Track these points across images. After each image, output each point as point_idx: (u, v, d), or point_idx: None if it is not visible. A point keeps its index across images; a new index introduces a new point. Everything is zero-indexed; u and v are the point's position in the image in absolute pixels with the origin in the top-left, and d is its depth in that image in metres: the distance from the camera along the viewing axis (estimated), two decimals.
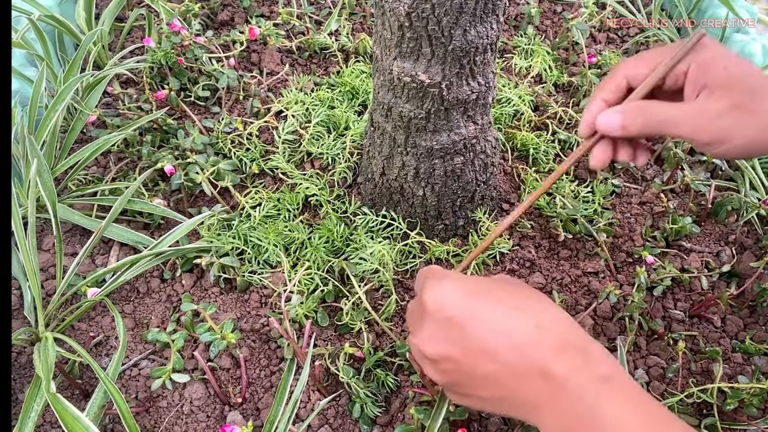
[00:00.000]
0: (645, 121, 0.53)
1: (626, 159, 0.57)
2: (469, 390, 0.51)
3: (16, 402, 0.69)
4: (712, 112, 0.52)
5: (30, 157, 0.78)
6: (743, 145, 0.52)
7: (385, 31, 0.63)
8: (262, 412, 0.69)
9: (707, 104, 0.52)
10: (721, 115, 0.51)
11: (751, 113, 0.52)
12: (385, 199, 0.82)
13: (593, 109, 0.55)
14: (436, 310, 0.51)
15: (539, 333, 0.47)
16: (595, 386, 0.44)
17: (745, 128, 0.52)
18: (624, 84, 0.55)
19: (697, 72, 0.53)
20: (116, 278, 0.75)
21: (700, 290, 0.81)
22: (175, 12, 1.10)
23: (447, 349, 0.50)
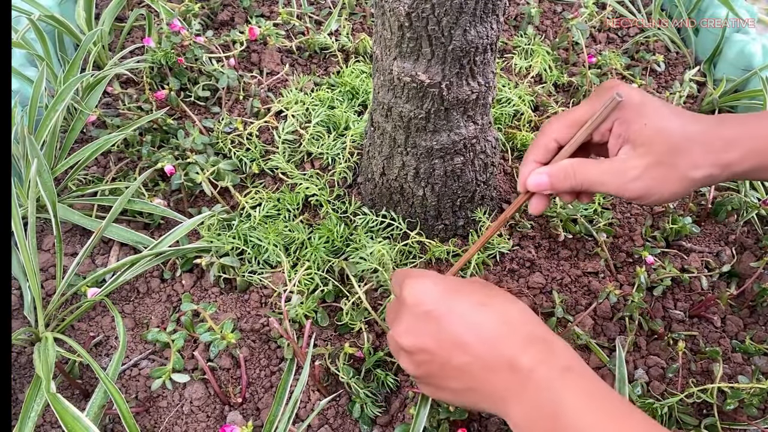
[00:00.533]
0: (570, 182, 0.57)
1: (568, 200, 0.61)
2: (442, 381, 0.53)
3: (16, 402, 0.69)
4: (633, 171, 0.55)
5: (30, 157, 0.78)
6: (666, 196, 0.55)
7: (385, 31, 0.63)
8: (262, 412, 0.69)
9: (629, 162, 0.55)
10: (643, 173, 0.55)
11: (670, 168, 0.54)
12: (385, 199, 0.82)
13: (526, 170, 0.60)
14: (414, 305, 0.54)
15: (507, 328, 0.51)
16: (558, 376, 0.47)
17: (666, 183, 0.55)
18: (553, 145, 0.59)
19: (619, 128, 0.57)
20: (116, 278, 0.75)
21: (700, 290, 0.81)
22: (175, 12, 1.10)
23: (423, 341, 0.52)
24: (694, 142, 0.55)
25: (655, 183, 0.55)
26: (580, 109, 0.58)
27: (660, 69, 1.13)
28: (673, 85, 1.09)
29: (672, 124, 0.55)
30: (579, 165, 0.57)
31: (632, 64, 1.15)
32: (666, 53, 1.19)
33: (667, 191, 0.55)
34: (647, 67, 1.13)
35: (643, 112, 0.55)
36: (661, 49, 1.20)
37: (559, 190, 0.58)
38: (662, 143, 0.54)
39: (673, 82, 1.10)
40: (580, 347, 0.75)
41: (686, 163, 0.54)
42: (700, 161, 0.55)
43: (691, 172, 0.55)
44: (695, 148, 0.54)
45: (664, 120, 0.55)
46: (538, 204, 0.61)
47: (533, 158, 0.60)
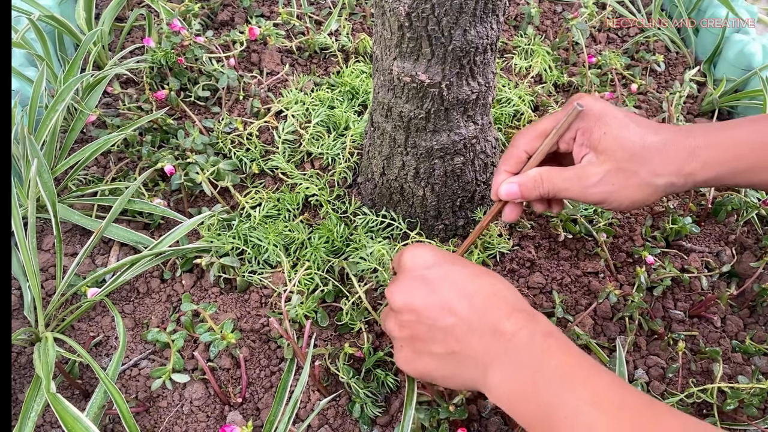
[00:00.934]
0: (539, 190, 0.60)
1: (541, 210, 0.65)
2: (424, 345, 0.55)
3: (16, 402, 0.69)
4: (594, 177, 0.58)
5: (30, 157, 0.78)
6: (628, 203, 0.58)
7: (385, 31, 0.63)
8: (262, 412, 0.69)
9: (589, 168, 0.59)
10: (603, 178, 0.58)
11: (630, 174, 0.57)
12: (385, 199, 0.82)
13: (498, 179, 0.63)
14: (411, 268, 0.57)
15: (495, 299, 0.54)
16: (540, 339, 0.50)
17: (626, 188, 0.57)
18: (523, 156, 0.62)
19: (581, 137, 0.60)
20: (116, 278, 0.75)
21: (700, 290, 0.81)
22: (175, 12, 1.10)
23: (413, 301, 0.55)
24: (654, 151, 0.57)
25: (615, 188, 0.57)
26: (545, 121, 0.62)
27: (660, 69, 1.13)
28: (673, 85, 1.09)
29: (631, 133, 0.58)
30: (546, 173, 0.60)
31: (632, 64, 1.15)
32: (666, 53, 1.19)
33: (628, 197, 0.58)
34: (647, 67, 1.14)
35: (603, 121, 0.58)
36: (661, 49, 1.20)
37: (529, 198, 0.61)
38: (622, 150, 0.57)
39: (673, 82, 1.10)
40: (580, 347, 0.74)
41: (646, 170, 0.57)
42: (660, 170, 0.57)
43: (652, 179, 0.57)
44: (655, 157, 0.57)
45: (623, 129, 0.58)
46: (511, 212, 0.64)
47: (504, 169, 0.63)
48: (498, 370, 0.50)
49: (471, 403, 0.69)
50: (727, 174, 0.57)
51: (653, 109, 1.07)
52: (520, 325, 0.51)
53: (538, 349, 0.49)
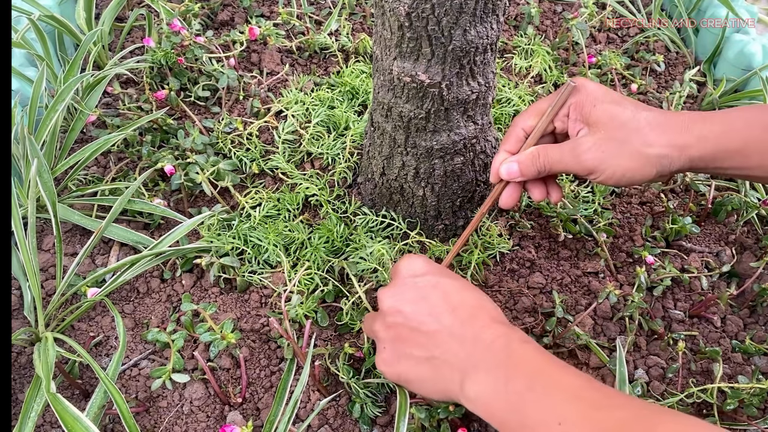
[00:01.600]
0: (537, 166, 0.62)
1: (538, 197, 0.65)
2: (406, 347, 0.57)
3: (16, 402, 0.69)
4: (585, 145, 0.60)
5: (30, 157, 0.78)
6: (620, 172, 0.59)
7: (385, 31, 0.63)
8: (262, 412, 0.69)
9: (580, 139, 0.60)
10: (593, 146, 0.59)
11: (621, 142, 0.58)
12: (385, 199, 0.82)
13: (498, 160, 0.64)
14: (406, 275, 0.61)
15: (477, 310, 0.57)
16: (517, 344, 0.52)
17: (619, 157, 0.58)
18: (522, 135, 0.64)
19: (574, 113, 0.62)
20: (116, 278, 0.75)
21: (700, 290, 0.81)
22: (175, 12, 1.10)
23: (402, 304, 0.58)
24: (646, 123, 0.58)
25: (606, 156, 0.58)
26: (542, 101, 0.64)
27: (660, 69, 1.13)
28: (673, 85, 1.09)
29: (623, 107, 0.60)
30: (542, 149, 0.62)
31: (632, 64, 1.15)
32: (666, 53, 1.19)
33: (621, 165, 0.58)
34: (647, 67, 1.14)
35: (595, 96, 0.60)
36: (661, 49, 1.20)
37: (527, 175, 0.63)
38: (612, 120, 0.59)
39: (673, 82, 1.10)
40: (580, 347, 0.75)
41: (638, 139, 0.58)
42: (653, 140, 0.58)
43: (644, 148, 0.58)
44: (647, 129, 0.58)
45: (615, 104, 0.60)
46: (509, 197, 0.65)
47: (504, 149, 0.65)
48: (474, 375, 0.52)
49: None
50: (722, 152, 0.58)
51: None
52: (499, 334, 0.53)
53: (515, 354, 0.52)
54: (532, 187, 0.65)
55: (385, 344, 0.59)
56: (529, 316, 0.77)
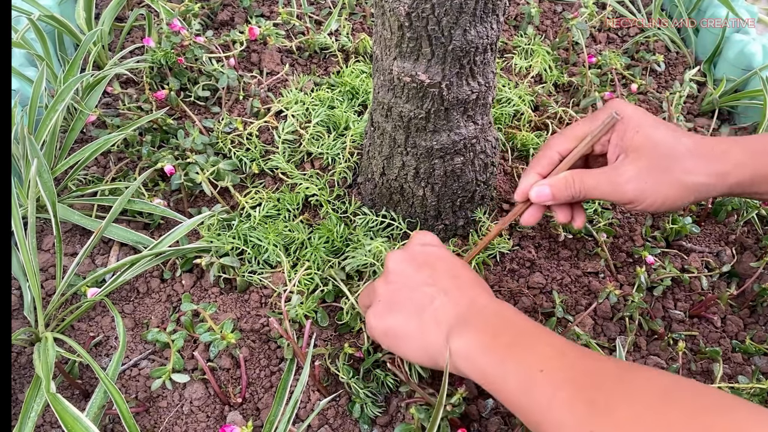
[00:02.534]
0: (570, 191, 0.61)
1: (563, 220, 0.64)
2: (400, 302, 0.60)
3: (16, 402, 0.69)
4: (627, 173, 0.58)
5: (30, 157, 0.78)
6: (660, 201, 0.58)
7: (385, 31, 0.63)
8: (262, 412, 0.69)
9: (622, 167, 0.59)
10: (635, 176, 0.58)
11: (663, 171, 0.57)
12: (385, 199, 0.82)
13: (528, 181, 0.63)
14: (417, 243, 0.65)
15: (477, 282, 0.61)
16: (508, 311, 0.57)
17: (659, 186, 0.57)
18: (556, 158, 0.63)
19: (615, 139, 0.61)
20: (116, 278, 0.75)
21: (700, 290, 0.81)
22: (175, 12, 1.10)
23: (406, 266, 0.62)
24: (686, 151, 0.58)
25: (647, 186, 0.57)
26: (581, 126, 0.63)
27: (660, 69, 1.13)
28: (673, 85, 1.09)
29: (664, 133, 0.58)
30: (577, 174, 0.61)
31: (632, 64, 1.15)
32: (666, 53, 1.19)
33: (661, 195, 0.57)
34: (647, 67, 1.13)
35: (637, 123, 0.59)
36: (661, 49, 1.20)
37: (559, 199, 0.61)
38: (654, 149, 0.58)
39: (673, 82, 1.10)
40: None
41: (679, 168, 0.57)
42: (693, 168, 0.57)
43: (685, 177, 0.57)
44: (687, 157, 0.57)
45: (656, 129, 0.59)
46: (532, 215, 0.65)
47: (535, 171, 0.63)
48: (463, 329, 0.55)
49: (471, 404, 0.69)
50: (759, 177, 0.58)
51: (653, 109, 1.07)
52: (493, 303, 0.58)
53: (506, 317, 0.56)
54: (559, 209, 0.64)
55: (381, 299, 0.61)
56: (530, 316, 0.77)
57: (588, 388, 0.46)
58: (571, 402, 0.45)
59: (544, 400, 0.47)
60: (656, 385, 0.44)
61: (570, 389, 0.46)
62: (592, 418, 0.44)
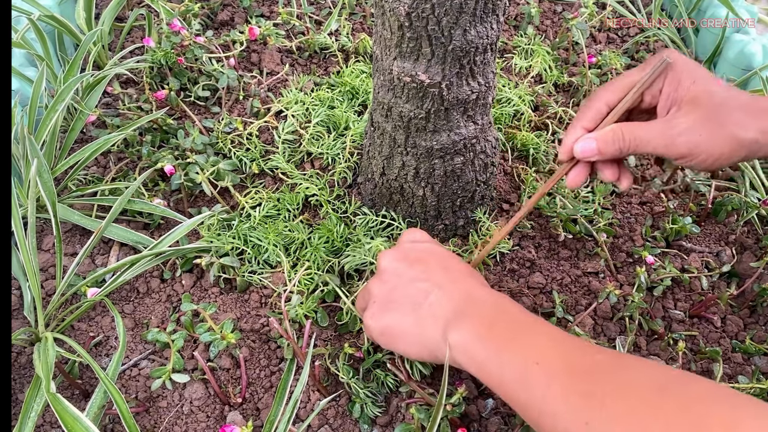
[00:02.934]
0: (619, 144, 0.57)
1: (610, 179, 0.61)
2: (394, 304, 0.60)
3: (16, 402, 0.69)
4: (681, 126, 0.56)
5: (30, 157, 0.78)
6: (715, 156, 0.56)
7: (385, 31, 0.63)
8: (262, 412, 0.69)
9: (675, 119, 0.56)
10: (690, 127, 0.55)
11: (718, 125, 0.55)
12: (385, 199, 0.82)
13: (572, 136, 0.60)
14: (407, 240, 0.66)
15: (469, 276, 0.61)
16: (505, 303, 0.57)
17: (713, 140, 0.55)
18: (604, 109, 0.59)
19: (668, 88, 0.57)
20: (116, 278, 0.75)
21: (700, 290, 0.81)
22: (175, 12, 1.10)
23: (399, 264, 0.62)
24: (739, 105, 0.55)
25: (702, 139, 0.55)
26: (630, 74, 0.59)
27: None
28: None
29: (718, 87, 0.56)
30: (626, 126, 0.57)
31: (632, 64, 1.15)
32: None
33: (716, 149, 0.55)
34: None
35: (692, 73, 0.56)
36: (661, 49, 1.20)
37: (607, 155, 0.58)
38: (710, 100, 0.55)
39: None
40: None
41: (733, 122, 0.55)
42: (746, 123, 0.55)
43: (739, 131, 0.55)
44: (741, 111, 0.55)
45: (711, 81, 0.56)
46: (577, 176, 0.61)
47: (581, 124, 0.60)
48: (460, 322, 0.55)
49: (471, 404, 0.69)
50: None
51: None
52: (489, 294, 0.58)
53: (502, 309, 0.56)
54: (604, 167, 0.60)
55: (376, 299, 0.61)
56: None
57: (583, 380, 0.46)
58: (566, 394, 0.46)
59: (540, 391, 0.47)
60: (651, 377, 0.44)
61: (565, 381, 0.46)
62: (587, 411, 0.44)
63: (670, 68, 0.57)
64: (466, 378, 0.72)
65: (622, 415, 0.42)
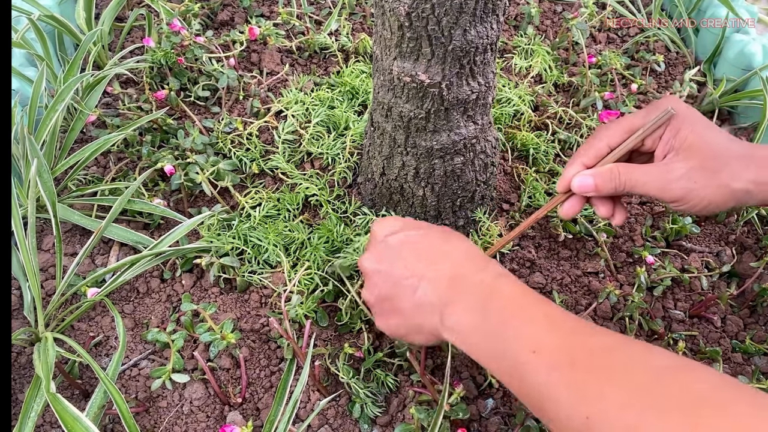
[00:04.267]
0: (615, 184, 0.60)
1: (604, 215, 0.63)
2: (391, 303, 0.60)
3: (16, 402, 0.69)
4: (676, 172, 0.58)
5: (30, 157, 0.78)
6: (705, 203, 0.57)
7: (385, 31, 0.63)
8: (262, 412, 0.69)
9: (672, 164, 0.58)
10: (684, 175, 0.57)
11: (712, 174, 0.57)
12: (385, 199, 0.82)
13: (571, 171, 0.62)
14: (377, 235, 0.64)
15: (448, 250, 0.60)
16: (493, 277, 0.56)
17: (706, 188, 0.57)
18: (605, 150, 0.62)
19: (667, 135, 0.60)
20: (116, 278, 0.75)
21: (700, 290, 0.81)
22: (175, 12, 1.10)
23: (380, 265, 0.61)
24: (735, 155, 0.58)
25: (696, 186, 0.57)
26: (634, 118, 0.61)
27: (660, 69, 1.13)
28: (673, 85, 1.09)
29: (716, 135, 0.58)
30: (624, 168, 0.59)
31: (632, 64, 1.15)
32: (666, 53, 1.19)
33: (706, 197, 0.57)
34: (647, 67, 1.13)
35: (691, 121, 0.59)
36: (661, 49, 1.20)
37: (603, 192, 0.60)
38: (706, 149, 0.57)
39: (673, 82, 1.10)
40: None
41: (727, 172, 0.57)
42: (739, 173, 0.57)
43: (732, 182, 0.57)
44: (735, 161, 0.57)
45: (709, 130, 0.58)
46: (572, 207, 0.64)
47: (581, 161, 0.62)
48: (452, 307, 0.55)
49: (471, 404, 0.69)
50: None
51: None
52: (474, 270, 0.57)
53: (491, 282, 0.55)
54: (600, 203, 0.63)
55: (374, 306, 0.62)
56: None
57: (580, 368, 0.46)
58: (566, 383, 0.46)
59: (540, 379, 0.47)
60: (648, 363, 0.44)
61: (565, 370, 0.46)
62: (586, 402, 0.44)
63: (672, 117, 0.59)
64: (465, 379, 0.72)
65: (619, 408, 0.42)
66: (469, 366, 0.72)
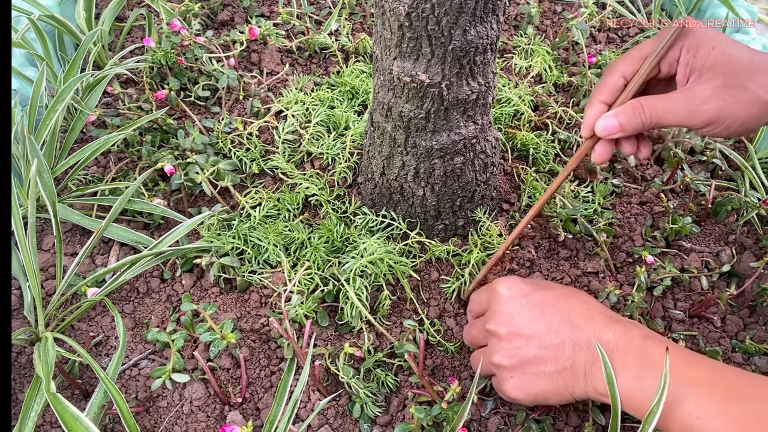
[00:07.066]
0: (641, 119, 0.56)
1: (630, 152, 0.60)
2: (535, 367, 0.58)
3: (16, 402, 0.69)
4: (703, 94, 0.54)
5: (30, 157, 0.78)
6: (740, 121, 0.54)
7: (385, 31, 0.63)
8: (262, 412, 0.69)
9: (697, 87, 0.54)
10: (712, 95, 0.54)
11: (741, 89, 0.53)
12: (385, 199, 0.82)
13: (593, 112, 0.59)
14: (510, 298, 0.61)
15: (590, 313, 0.58)
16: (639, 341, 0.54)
17: (738, 104, 0.53)
18: (621, 82, 0.58)
19: (686, 56, 0.56)
20: (116, 278, 0.75)
21: (700, 290, 0.81)
22: (175, 12, 1.10)
23: (520, 328, 0.59)
24: (761, 66, 0.54)
25: (726, 104, 0.53)
26: (644, 45, 0.58)
27: None
28: None
29: (738, 49, 0.55)
30: (646, 100, 0.56)
31: None
32: None
33: (740, 114, 0.54)
34: None
35: (710, 38, 0.55)
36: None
37: (629, 131, 0.57)
38: (730, 65, 0.54)
39: None
40: None
41: (757, 85, 0.53)
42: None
43: (764, 93, 0.54)
44: (763, 72, 0.54)
45: (729, 45, 0.55)
46: (603, 151, 0.61)
47: (599, 99, 0.59)
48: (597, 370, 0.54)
49: (471, 403, 0.69)
50: None
51: None
52: (620, 334, 0.55)
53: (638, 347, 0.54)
54: (625, 141, 0.60)
55: (512, 372, 0.60)
56: None
57: None
58: None
59: None
60: None
61: None
62: None
63: (685, 36, 0.55)
64: (465, 379, 0.72)
65: None
66: (469, 367, 0.73)
